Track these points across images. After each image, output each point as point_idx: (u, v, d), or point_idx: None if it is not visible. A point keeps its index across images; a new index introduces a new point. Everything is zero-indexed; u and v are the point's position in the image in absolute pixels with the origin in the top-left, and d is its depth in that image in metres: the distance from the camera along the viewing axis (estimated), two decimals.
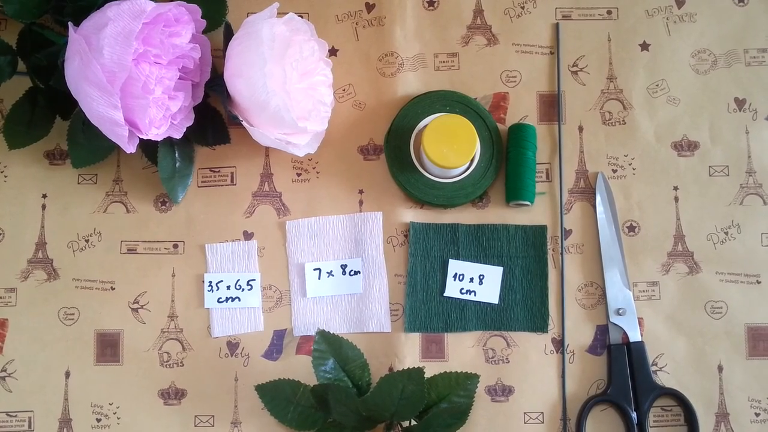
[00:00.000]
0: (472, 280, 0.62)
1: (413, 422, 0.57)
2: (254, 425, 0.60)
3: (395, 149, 0.63)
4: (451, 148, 0.58)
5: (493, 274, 0.62)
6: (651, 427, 0.60)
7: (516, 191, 0.62)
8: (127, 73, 0.52)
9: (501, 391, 0.61)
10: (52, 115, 0.61)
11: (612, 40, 0.66)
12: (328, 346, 0.58)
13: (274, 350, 0.61)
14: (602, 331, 0.61)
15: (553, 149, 0.64)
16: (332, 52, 0.66)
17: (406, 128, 0.63)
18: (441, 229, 0.63)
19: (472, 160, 0.62)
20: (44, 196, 0.63)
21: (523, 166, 0.62)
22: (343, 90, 0.65)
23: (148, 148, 0.61)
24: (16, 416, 0.60)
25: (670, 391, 0.60)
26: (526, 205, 0.63)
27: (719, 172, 0.64)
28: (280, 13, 0.59)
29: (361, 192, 0.64)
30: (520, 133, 0.63)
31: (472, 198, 0.62)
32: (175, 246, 0.63)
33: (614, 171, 0.64)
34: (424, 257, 0.62)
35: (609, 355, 0.60)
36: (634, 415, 0.59)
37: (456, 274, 0.62)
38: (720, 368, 0.61)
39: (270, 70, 0.55)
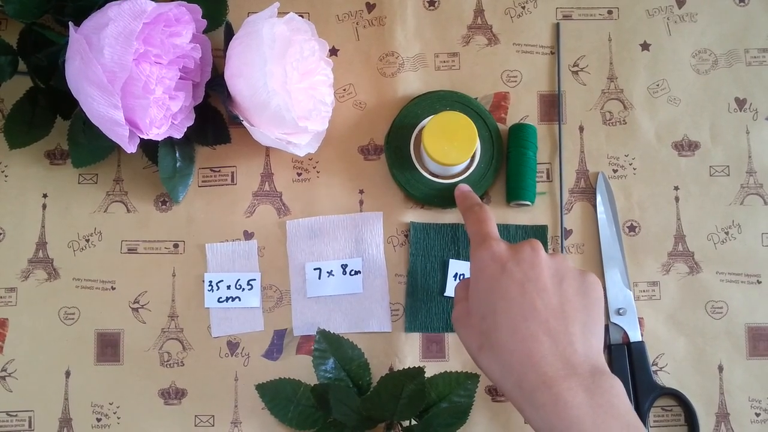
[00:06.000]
0: None
1: (413, 422, 0.57)
2: (254, 425, 0.60)
3: (396, 149, 0.63)
4: (451, 145, 0.58)
5: None
6: (651, 427, 0.60)
7: (516, 191, 0.62)
8: (128, 73, 0.52)
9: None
10: (53, 115, 0.61)
11: (612, 40, 0.66)
12: (329, 345, 0.58)
13: (275, 350, 0.61)
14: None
15: (553, 149, 0.64)
16: (333, 51, 0.66)
17: (407, 128, 0.63)
18: (441, 229, 0.62)
19: (472, 159, 0.62)
20: (45, 195, 0.63)
21: (523, 166, 0.62)
22: (344, 90, 0.65)
23: (148, 147, 0.62)
24: (16, 416, 0.60)
25: (670, 391, 0.60)
26: (527, 205, 0.63)
27: (720, 172, 0.64)
28: (281, 13, 0.59)
29: (361, 192, 0.64)
30: (520, 133, 0.63)
31: None
32: (176, 246, 0.63)
33: (615, 171, 0.64)
34: (425, 257, 0.62)
35: (609, 355, 0.60)
36: None
37: (456, 273, 0.62)
38: (720, 368, 0.61)
39: (270, 70, 0.55)
